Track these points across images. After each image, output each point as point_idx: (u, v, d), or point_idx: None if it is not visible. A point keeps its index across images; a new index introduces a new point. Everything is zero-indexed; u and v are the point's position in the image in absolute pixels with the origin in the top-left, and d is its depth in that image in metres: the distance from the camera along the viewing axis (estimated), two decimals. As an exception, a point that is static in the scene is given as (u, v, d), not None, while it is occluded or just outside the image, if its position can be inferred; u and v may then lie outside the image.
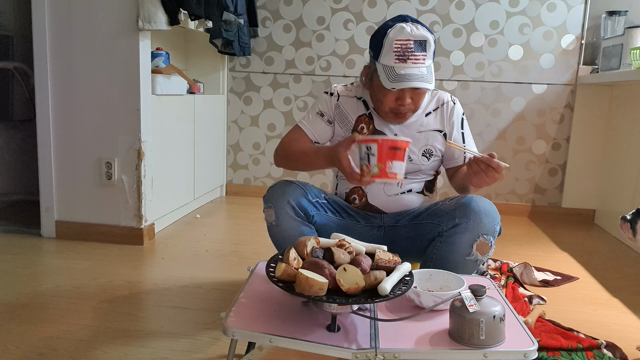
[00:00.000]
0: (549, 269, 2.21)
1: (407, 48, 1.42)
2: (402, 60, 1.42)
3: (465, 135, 1.65)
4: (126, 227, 2.36)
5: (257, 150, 3.44)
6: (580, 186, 3.15)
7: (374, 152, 1.28)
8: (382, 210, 1.63)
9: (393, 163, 1.29)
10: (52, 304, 1.71)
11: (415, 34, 1.43)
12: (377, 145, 1.28)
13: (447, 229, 1.47)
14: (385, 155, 1.28)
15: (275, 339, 1.04)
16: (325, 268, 1.07)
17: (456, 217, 1.46)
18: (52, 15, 2.26)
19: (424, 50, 1.43)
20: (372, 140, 1.29)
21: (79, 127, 2.33)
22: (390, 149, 1.28)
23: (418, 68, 1.43)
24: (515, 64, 3.12)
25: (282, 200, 1.49)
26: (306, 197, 1.54)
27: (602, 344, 1.48)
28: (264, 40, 3.30)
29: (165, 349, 1.43)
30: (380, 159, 1.28)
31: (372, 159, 1.29)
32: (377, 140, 1.28)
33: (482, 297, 1.05)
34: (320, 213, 1.56)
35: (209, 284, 1.92)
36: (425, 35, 1.43)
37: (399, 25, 1.44)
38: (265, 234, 1.62)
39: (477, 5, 3.09)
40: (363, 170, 1.31)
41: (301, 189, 1.54)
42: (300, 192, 1.52)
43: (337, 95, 1.65)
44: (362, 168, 1.32)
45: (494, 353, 1.01)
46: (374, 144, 1.28)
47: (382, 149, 1.28)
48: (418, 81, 1.42)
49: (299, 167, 1.64)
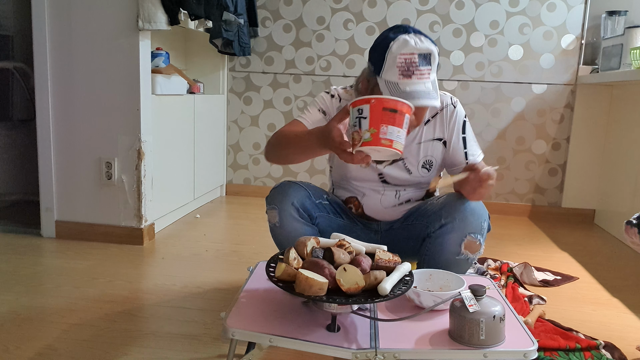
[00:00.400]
0: (549, 269, 2.22)
1: (411, 63, 1.33)
2: (406, 76, 1.33)
3: (467, 140, 1.58)
4: (126, 227, 2.36)
5: (257, 150, 3.44)
6: (580, 186, 3.15)
7: (365, 115, 1.09)
8: (379, 220, 1.62)
9: (388, 128, 1.09)
10: (52, 304, 1.71)
11: (420, 47, 1.34)
12: (370, 106, 1.08)
13: (434, 230, 1.46)
14: (378, 117, 1.08)
15: (275, 339, 1.04)
16: (325, 268, 1.07)
17: (442, 217, 1.44)
18: (52, 15, 2.26)
19: (429, 63, 1.35)
20: (363, 101, 1.10)
21: (79, 127, 2.33)
22: (385, 111, 1.08)
23: (424, 84, 1.34)
24: (515, 64, 3.12)
25: (285, 201, 1.47)
26: (310, 198, 1.52)
27: (600, 345, 1.48)
28: (264, 40, 3.30)
29: (165, 349, 1.43)
30: (373, 122, 1.08)
31: (363, 123, 1.09)
32: (369, 100, 1.09)
33: (482, 297, 1.05)
34: (323, 214, 1.56)
35: (209, 284, 1.92)
36: (429, 48, 1.34)
37: (402, 37, 1.35)
38: (265, 233, 1.62)
39: (477, 5, 3.09)
40: (354, 138, 1.11)
41: (304, 190, 1.52)
42: (303, 193, 1.51)
43: (339, 98, 1.57)
44: (353, 137, 1.12)
45: (494, 353, 1.02)
46: (366, 104, 1.09)
47: (375, 111, 1.08)
48: (424, 99, 1.33)
49: (290, 153, 1.41)
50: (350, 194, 1.64)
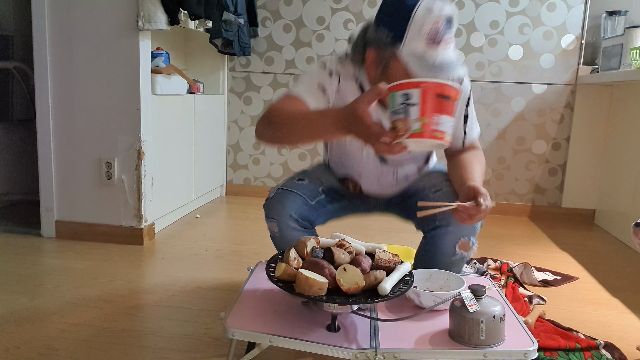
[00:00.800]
0: (549, 269, 2.21)
1: (438, 30, 1.20)
2: (433, 45, 1.21)
3: (469, 118, 1.49)
4: (126, 227, 2.36)
5: (257, 150, 3.44)
6: (580, 186, 3.15)
7: (414, 101, 0.93)
8: (377, 196, 1.59)
9: (441, 117, 0.94)
10: (52, 304, 1.71)
11: (444, 11, 1.21)
12: (421, 92, 0.93)
13: (429, 230, 1.45)
14: (431, 105, 0.93)
15: (275, 339, 1.04)
16: (325, 268, 1.07)
17: (437, 218, 1.42)
18: (52, 15, 2.26)
19: (451, 27, 1.24)
20: (411, 85, 0.94)
21: (79, 127, 2.33)
22: (438, 98, 0.94)
23: (449, 52, 1.23)
24: (515, 63, 3.12)
25: (283, 213, 1.44)
26: (306, 203, 1.48)
27: (600, 345, 1.48)
28: (264, 40, 3.30)
29: (165, 349, 1.43)
30: (424, 111, 0.93)
31: (412, 110, 0.94)
32: (419, 84, 0.93)
33: (482, 297, 1.05)
34: (322, 211, 1.54)
35: (209, 284, 1.92)
36: (451, 11, 1.22)
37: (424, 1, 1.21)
38: (265, 233, 1.62)
39: (477, 5, 3.09)
40: (398, 127, 0.95)
41: (300, 197, 1.48)
42: (300, 201, 1.47)
43: (338, 78, 1.41)
44: (395, 126, 0.96)
45: (493, 353, 1.02)
46: (416, 89, 0.93)
47: (427, 97, 0.93)
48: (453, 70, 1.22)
49: (291, 134, 1.20)
50: (347, 171, 1.58)
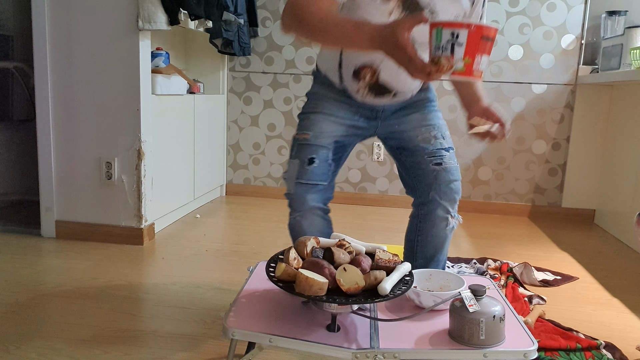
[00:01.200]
0: (549, 269, 2.22)
1: None
2: None
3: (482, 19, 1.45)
4: (126, 227, 2.36)
5: (257, 150, 3.44)
6: (580, 186, 3.15)
7: (461, 42, 0.99)
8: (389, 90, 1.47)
9: (482, 58, 1.02)
10: (52, 304, 1.71)
11: None
12: (469, 33, 0.99)
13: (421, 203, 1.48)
14: (475, 46, 1.00)
15: (275, 339, 1.04)
16: (325, 268, 1.07)
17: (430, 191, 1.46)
18: (52, 15, 2.26)
19: None
20: (459, 25, 1.00)
21: (79, 127, 2.33)
22: (482, 40, 1.00)
23: None
24: (515, 63, 3.12)
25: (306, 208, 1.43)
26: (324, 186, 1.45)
27: (601, 345, 1.48)
28: (264, 40, 3.30)
29: (165, 349, 1.43)
30: (470, 51, 1.00)
31: (457, 50, 1.00)
32: (468, 26, 1.00)
33: (482, 297, 1.05)
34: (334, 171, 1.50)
35: (209, 284, 1.92)
36: None
37: None
38: (265, 234, 1.62)
39: (477, 5, 3.09)
40: (441, 63, 1.01)
41: (318, 186, 1.44)
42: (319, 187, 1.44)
43: None
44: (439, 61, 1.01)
45: (493, 353, 1.02)
46: (464, 30, 0.99)
47: (474, 38, 0.99)
48: None
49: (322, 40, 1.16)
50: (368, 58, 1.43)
